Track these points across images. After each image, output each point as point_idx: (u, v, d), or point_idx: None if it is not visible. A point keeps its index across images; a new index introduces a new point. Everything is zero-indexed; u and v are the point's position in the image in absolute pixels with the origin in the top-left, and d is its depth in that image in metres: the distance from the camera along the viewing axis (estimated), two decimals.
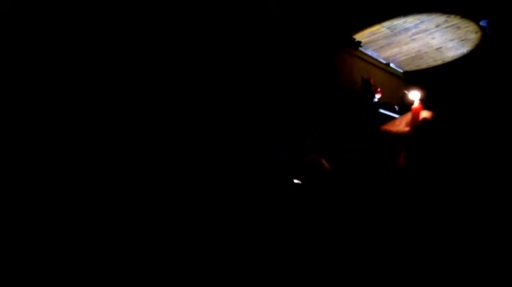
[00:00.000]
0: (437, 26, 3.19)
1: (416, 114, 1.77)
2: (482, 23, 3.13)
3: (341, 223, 1.92)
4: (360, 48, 3.49)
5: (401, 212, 1.68)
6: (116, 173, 1.78)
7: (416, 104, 1.81)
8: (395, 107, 3.58)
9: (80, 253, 1.57)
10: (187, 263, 1.74)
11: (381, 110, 3.36)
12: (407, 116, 1.87)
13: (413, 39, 3.43)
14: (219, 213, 1.91)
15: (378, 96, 3.33)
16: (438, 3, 2.92)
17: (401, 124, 1.86)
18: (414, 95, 1.90)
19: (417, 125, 1.73)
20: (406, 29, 3.25)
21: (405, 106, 3.69)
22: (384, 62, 3.89)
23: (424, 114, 1.77)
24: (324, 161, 2.12)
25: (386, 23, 3.15)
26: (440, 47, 3.57)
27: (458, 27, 3.21)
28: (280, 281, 1.74)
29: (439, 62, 3.87)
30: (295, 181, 2.11)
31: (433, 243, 1.64)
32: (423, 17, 3.06)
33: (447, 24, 3.17)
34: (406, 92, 1.95)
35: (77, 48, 1.77)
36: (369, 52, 3.66)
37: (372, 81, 3.36)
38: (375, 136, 3.11)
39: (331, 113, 2.97)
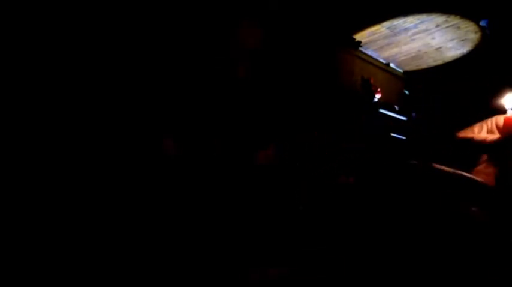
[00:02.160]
0: (437, 26, 3.19)
1: (509, 123, 1.73)
2: (482, 23, 3.13)
3: (341, 224, 1.91)
4: (360, 48, 3.50)
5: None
6: (114, 172, 1.78)
7: (510, 112, 1.77)
8: (396, 107, 3.58)
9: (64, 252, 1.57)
10: (186, 261, 1.74)
11: (381, 110, 3.37)
12: (488, 123, 1.83)
13: (413, 39, 3.43)
14: (220, 213, 1.90)
15: (378, 96, 3.33)
16: (438, 3, 2.92)
17: (481, 131, 1.83)
18: (509, 101, 1.82)
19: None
20: (406, 29, 3.25)
21: (408, 106, 3.70)
22: (384, 62, 3.89)
23: None
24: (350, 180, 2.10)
25: (386, 23, 3.15)
26: (440, 47, 3.57)
27: (458, 27, 3.21)
28: (281, 281, 1.74)
29: (439, 62, 3.87)
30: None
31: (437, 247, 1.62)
32: (423, 17, 3.06)
33: (447, 24, 3.17)
34: (498, 97, 1.90)
35: (76, 48, 1.77)
36: (369, 52, 3.66)
37: (372, 81, 3.36)
38: (375, 136, 3.11)
39: (331, 113, 2.96)
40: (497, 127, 1.87)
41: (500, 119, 1.86)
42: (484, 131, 1.89)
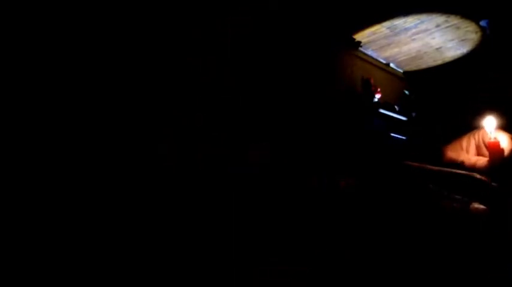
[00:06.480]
0: (437, 26, 3.19)
1: (495, 146, 1.81)
2: (482, 23, 3.13)
3: (343, 228, 1.91)
4: (360, 48, 3.50)
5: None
6: (116, 174, 1.78)
7: (492, 137, 1.84)
8: (395, 107, 3.58)
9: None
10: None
11: (381, 110, 3.37)
12: (476, 138, 1.91)
13: (413, 39, 3.43)
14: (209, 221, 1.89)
15: (378, 96, 3.33)
16: (438, 3, 2.92)
17: (469, 146, 1.92)
18: (488, 124, 1.89)
19: (501, 157, 1.77)
20: (406, 29, 3.24)
21: (408, 106, 3.71)
22: (384, 62, 3.89)
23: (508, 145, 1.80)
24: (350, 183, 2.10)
25: (387, 23, 3.15)
26: (440, 47, 3.57)
27: (458, 27, 3.21)
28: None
29: (439, 62, 3.88)
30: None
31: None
32: (423, 17, 3.06)
33: (447, 24, 3.17)
34: (481, 122, 1.96)
35: (77, 48, 1.76)
36: (369, 52, 3.66)
37: (372, 81, 3.36)
38: (374, 136, 3.11)
39: (331, 113, 2.96)
40: (484, 143, 1.98)
41: (485, 136, 1.94)
42: (472, 146, 2.02)
